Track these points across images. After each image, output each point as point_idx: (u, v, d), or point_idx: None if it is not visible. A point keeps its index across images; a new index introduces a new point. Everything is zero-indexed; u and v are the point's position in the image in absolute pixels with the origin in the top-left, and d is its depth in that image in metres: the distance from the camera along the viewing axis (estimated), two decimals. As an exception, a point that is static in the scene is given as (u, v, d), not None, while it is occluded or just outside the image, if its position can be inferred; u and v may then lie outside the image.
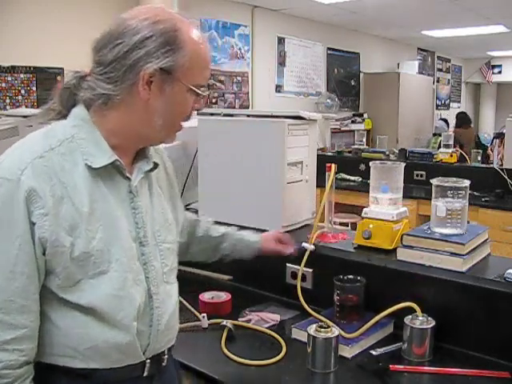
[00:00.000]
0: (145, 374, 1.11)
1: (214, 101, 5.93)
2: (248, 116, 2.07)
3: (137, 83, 1.02)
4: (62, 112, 1.09)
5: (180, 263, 1.33)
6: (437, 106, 10.22)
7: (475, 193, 3.86)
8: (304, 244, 1.72)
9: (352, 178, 4.75)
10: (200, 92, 1.08)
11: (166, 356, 1.18)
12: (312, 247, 1.71)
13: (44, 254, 0.97)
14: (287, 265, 1.81)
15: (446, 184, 1.58)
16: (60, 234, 0.97)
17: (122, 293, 1.03)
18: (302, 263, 1.70)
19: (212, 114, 2.14)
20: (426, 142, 7.50)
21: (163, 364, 1.17)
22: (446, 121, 7.97)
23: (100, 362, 1.04)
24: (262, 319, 1.66)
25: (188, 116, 1.11)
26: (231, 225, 1.68)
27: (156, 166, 1.16)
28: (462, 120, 7.83)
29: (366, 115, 7.93)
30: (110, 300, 1.02)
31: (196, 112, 1.20)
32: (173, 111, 1.07)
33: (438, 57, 10.27)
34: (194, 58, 1.05)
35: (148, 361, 1.11)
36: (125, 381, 1.09)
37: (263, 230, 1.92)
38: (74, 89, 1.07)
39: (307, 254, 1.70)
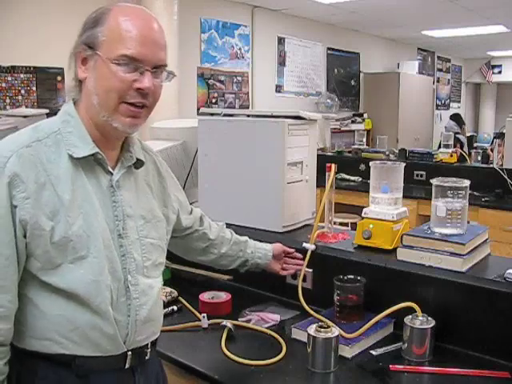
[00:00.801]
0: (126, 365, 1.13)
1: (213, 101, 5.93)
2: (248, 116, 2.07)
3: (76, 64, 1.10)
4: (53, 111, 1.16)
5: (180, 263, 1.33)
6: (437, 105, 10.22)
7: (475, 193, 3.86)
8: (305, 244, 1.72)
9: (352, 177, 4.75)
10: (119, 62, 1.05)
11: (149, 350, 1.19)
12: (313, 247, 1.71)
13: (25, 236, 1.02)
14: (287, 265, 1.81)
15: (445, 184, 1.58)
16: (41, 217, 1.01)
17: (100, 278, 1.07)
18: (304, 264, 1.70)
19: (212, 114, 2.14)
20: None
21: (146, 357, 1.19)
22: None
23: (80, 348, 1.06)
24: (262, 319, 1.66)
25: (126, 94, 1.07)
26: (231, 225, 1.69)
27: (140, 162, 1.19)
28: (457, 122, 7.81)
29: (365, 115, 7.93)
30: (88, 285, 1.05)
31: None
32: (102, 87, 1.07)
33: (438, 57, 10.27)
34: (113, 31, 1.06)
35: (129, 352, 1.13)
36: (106, 371, 1.10)
37: (263, 230, 1.92)
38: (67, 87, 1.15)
39: (309, 254, 1.70)
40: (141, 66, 1.06)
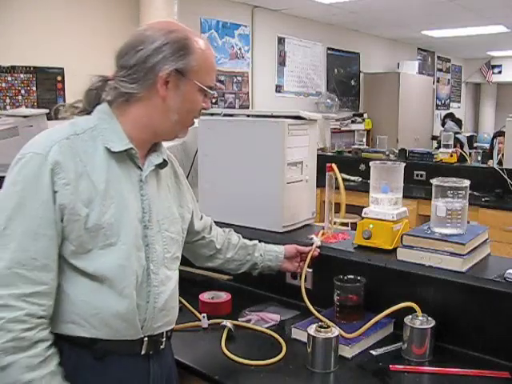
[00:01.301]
0: (142, 351, 1.20)
1: (214, 101, 5.93)
2: (248, 116, 2.07)
3: (156, 83, 1.18)
4: (85, 109, 1.24)
5: (180, 263, 1.33)
6: (437, 105, 10.23)
7: (475, 193, 3.86)
8: (314, 237, 1.73)
9: (352, 177, 4.75)
10: (208, 91, 1.24)
11: (164, 339, 1.26)
12: (319, 243, 1.72)
13: (62, 220, 1.10)
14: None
15: (445, 184, 1.58)
16: (77, 204, 1.10)
17: (127, 263, 1.15)
18: (307, 262, 1.69)
19: (212, 114, 2.14)
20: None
21: (161, 347, 1.25)
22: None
23: (101, 331, 1.13)
24: (262, 319, 1.66)
25: (198, 113, 1.27)
26: (231, 225, 1.69)
27: (165, 163, 1.30)
28: (454, 121, 7.80)
29: (366, 115, 7.93)
30: (115, 269, 1.13)
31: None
32: (185, 108, 1.23)
33: (438, 57, 10.27)
34: (202, 62, 1.22)
35: (146, 339, 1.20)
36: (123, 355, 1.18)
37: (263, 230, 1.92)
38: (99, 90, 1.24)
39: (313, 247, 1.70)
40: (212, 91, 1.26)
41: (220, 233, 1.65)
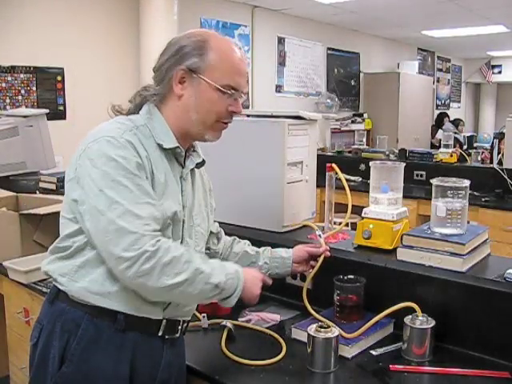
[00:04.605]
0: (159, 333, 1.26)
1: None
2: (248, 116, 2.07)
3: (172, 81, 1.26)
4: (130, 110, 1.33)
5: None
6: (437, 105, 10.22)
7: (475, 193, 3.86)
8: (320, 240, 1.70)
9: (352, 178, 4.74)
10: (224, 91, 1.26)
11: (180, 328, 1.33)
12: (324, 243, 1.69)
13: None
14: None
15: (446, 184, 1.58)
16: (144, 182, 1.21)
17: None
18: (318, 264, 1.64)
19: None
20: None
21: (176, 335, 1.32)
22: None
23: (125, 306, 1.20)
24: (262, 319, 1.66)
25: (223, 116, 1.30)
26: (231, 225, 1.68)
27: (203, 162, 1.42)
28: (440, 121, 7.80)
29: (366, 115, 7.93)
30: None
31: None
32: (204, 107, 1.28)
33: (438, 57, 10.27)
34: (220, 62, 1.26)
35: (164, 321, 1.26)
36: (142, 333, 1.23)
37: (263, 230, 1.92)
38: (143, 92, 1.33)
39: (324, 249, 1.66)
40: (237, 93, 1.29)
41: (225, 242, 1.65)
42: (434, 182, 1.60)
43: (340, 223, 1.82)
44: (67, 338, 1.20)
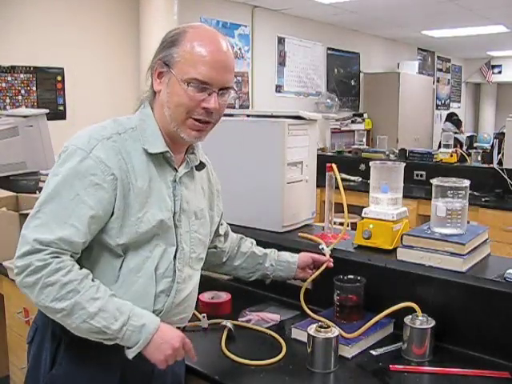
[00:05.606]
0: None
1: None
2: (248, 116, 2.07)
3: (154, 76, 1.23)
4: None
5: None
6: (437, 105, 10.22)
7: (475, 193, 3.86)
8: (324, 248, 1.70)
9: (352, 178, 4.75)
10: (193, 85, 1.17)
11: None
12: (329, 251, 1.69)
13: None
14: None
15: (446, 184, 1.58)
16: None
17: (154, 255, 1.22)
18: (319, 271, 1.65)
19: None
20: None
21: None
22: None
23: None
24: (262, 319, 1.66)
25: (194, 112, 1.20)
26: (231, 225, 1.68)
27: (202, 165, 1.37)
28: (453, 122, 7.78)
29: (366, 115, 7.93)
30: (144, 258, 1.21)
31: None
32: (173, 101, 1.20)
33: (438, 57, 10.26)
34: (187, 53, 1.18)
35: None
36: None
37: (263, 230, 1.92)
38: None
39: (328, 259, 1.67)
40: (209, 88, 1.19)
41: (232, 240, 1.64)
42: (434, 182, 1.60)
43: (340, 223, 1.82)
44: (58, 342, 1.21)
